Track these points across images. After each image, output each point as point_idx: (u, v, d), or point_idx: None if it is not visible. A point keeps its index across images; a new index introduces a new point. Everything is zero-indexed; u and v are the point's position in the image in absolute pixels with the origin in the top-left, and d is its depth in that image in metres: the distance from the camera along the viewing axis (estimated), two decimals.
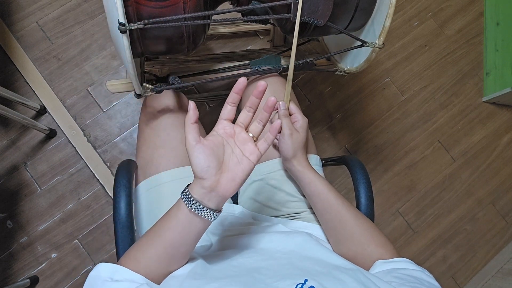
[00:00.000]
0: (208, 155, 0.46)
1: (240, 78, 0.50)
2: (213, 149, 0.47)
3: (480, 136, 1.51)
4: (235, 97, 0.50)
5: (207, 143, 0.47)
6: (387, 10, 0.64)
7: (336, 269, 0.47)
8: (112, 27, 0.58)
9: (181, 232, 0.48)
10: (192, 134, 0.46)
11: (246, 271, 0.48)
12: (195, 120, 0.47)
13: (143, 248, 0.50)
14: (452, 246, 1.42)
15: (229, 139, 0.49)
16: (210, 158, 0.46)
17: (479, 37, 1.57)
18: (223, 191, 0.47)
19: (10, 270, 1.22)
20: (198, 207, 0.46)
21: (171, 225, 0.48)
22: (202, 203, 0.47)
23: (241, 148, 0.49)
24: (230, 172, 0.47)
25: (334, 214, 0.61)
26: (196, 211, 0.47)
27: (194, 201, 0.47)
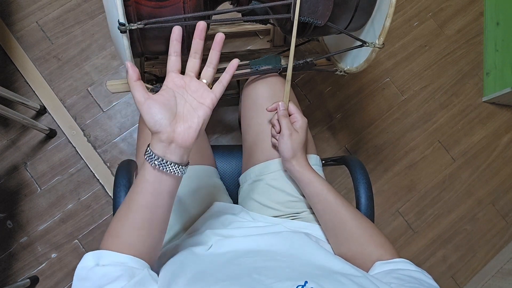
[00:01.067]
0: (159, 108, 0.46)
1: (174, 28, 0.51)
2: (164, 103, 0.47)
3: (480, 136, 1.51)
4: (176, 45, 0.51)
5: (156, 97, 0.47)
6: (387, 10, 0.64)
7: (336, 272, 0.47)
8: (112, 27, 0.58)
9: (153, 193, 0.48)
10: (139, 91, 0.47)
11: (246, 272, 0.48)
12: (137, 77, 0.47)
13: (121, 221, 0.49)
14: (452, 246, 1.42)
15: (180, 89, 0.49)
16: (161, 111, 0.46)
17: (479, 37, 1.57)
18: (182, 141, 0.47)
19: (10, 270, 1.22)
20: (161, 162, 0.46)
21: (141, 188, 0.48)
22: (164, 157, 0.46)
23: (194, 96, 0.49)
24: (186, 121, 0.47)
25: (333, 215, 0.61)
26: (160, 167, 0.46)
27: (156, 157, 0.46)
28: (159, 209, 0.49)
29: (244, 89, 0.81)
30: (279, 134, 0.66)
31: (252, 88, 0.78)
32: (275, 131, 0.68)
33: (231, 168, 0.89)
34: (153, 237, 0.50)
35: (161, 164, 0.46)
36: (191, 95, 0.49)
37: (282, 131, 0.65)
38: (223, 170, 0.88)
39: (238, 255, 0.55)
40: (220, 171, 0.87)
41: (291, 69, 0.67)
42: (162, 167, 0.46)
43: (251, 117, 0.76)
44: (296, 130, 0.66)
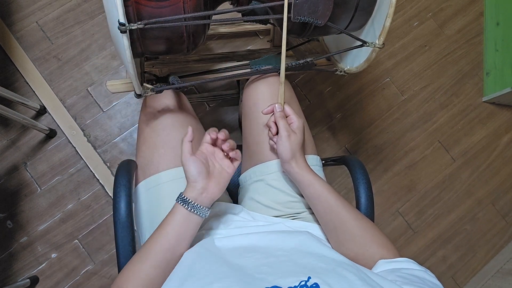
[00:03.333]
0: (199, 164, 0.58)
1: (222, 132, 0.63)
2: (201, 161, 0.59)
3: (480, 136, 1.51)
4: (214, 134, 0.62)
5: (197, 156, 0.59)
6: (387, 10, 0.64)
7: (339, 266, 0.47)
8: (112, 27, 0.58)
9: (179, 232, 0.56)
10: (187, 148, 0.58)
11: (248, 269, 0.48)
12: (191, 139, 0.59)
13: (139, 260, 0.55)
14: (452, 246, 1.42)
15: (211, 156, 0.62)
16: (200, 166, 0.58)
17: (479, 37, 1.57)
18: (212, 193, 0.59)
19: (10, 270, 1.22)
20: (194, 205, 0.57)
21: (168, 229, 0.56)
22: (196, 201, 0.57)
23: (220, 163, 0.62)
24: (216, 178, 0.60)
25: (334, 216, 0.61)
26: (192, 209, 0.57)
27: (190, 201, 0.57)
28: (178, 249, 0.57)
29: (244, 89, 0.81)
30: (277, 136, 0.66)
31: (252, 88, 0.78)
32: (272, 133, 0.68)
33: None
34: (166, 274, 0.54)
35: (194, 207, 0.57)
36: (218, 162, 0.62)
37: (280, 132, 0.65)
38: None
39: (239, 252, 0.55)
40: None
41: (283, 71, 0.67)
42: (193, 209, 0.57)
43: (252, 117, 0.76)
44: (293, 131, 0.65)
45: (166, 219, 0.57)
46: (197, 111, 1.37)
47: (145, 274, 0.53)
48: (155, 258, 0.54)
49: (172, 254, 0.55)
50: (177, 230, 0.56)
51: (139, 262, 0.55)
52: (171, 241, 0.55)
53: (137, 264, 0.55)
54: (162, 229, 0.56)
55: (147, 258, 0.55)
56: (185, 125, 0.75)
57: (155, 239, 0.56)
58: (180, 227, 0.56)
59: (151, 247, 0.55)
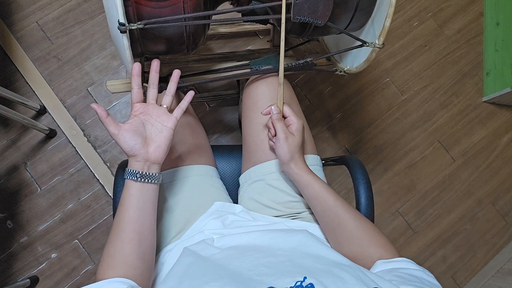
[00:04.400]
0: (131, 136, 0.56)
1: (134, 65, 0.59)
2: (134, 130, 0.57)
3: (480, 136, 1.51)
4: (137, 79, 0.59)
5: (127, 127, 0.56)
6: (387, 10, 0.65)
7: (336, 266, 0.47)
8: (112, 27, 0.58)
9: (139, 205, 0.56)
10: (111, 126, 0.56)
11: (246, 271, 0.48)
12: (106, 115, 0.55)
13: (112, 242, 0.54)
14: (452, 246, 1.42)
15: (146, 116, 0.59)
16: (133, 138, 0.56)
17: (479, 37, 1.57)
18: (155, 158, 0.57)
19: (10, 270, 1.22)
20: (143, 175, 0.56)
21: (126, 204, 0.55)
22: (143, 170, 0.56)
23: (158, 120, 0.59)
24: (155, 142, 0.58)
25: (333, 216, 0.61)
26: (143, 179, 0.56)
27: (138, 173, 0.56)
28: (146, 219, 0.56)
29: (244, 89, 0.81)
30: (275, 138, 0.66)
31: (252, 88, 0.78)
32: (271, 134, 0.68)
33: (231, 168, 0.89)
34: (144, 248, 0.55)
35: (142, 176, 0.56)
36: (156, 120, 0.59)
37: (278, 135, 0.64)
38: (223, 170, 0.88)
39: (238, 252, 0.55)
40: (220, 171, 0.87)
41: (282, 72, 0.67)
42: (143, 179, 0.56)
43: (252, 117, 0.76)
44: (292, 133, 0.65)
45: (122, 196, 0.56)
46: (197, 111, 1.37)
47: (122, 252, 0.53)
48: (126, 233, 0.54)
49: (140, 225, 0.55)
50: (135, 204, 0.55)
51: (111, 244, 0.54)
52: (134, 214, 0.55)
53: (110, 245, 0.54)
54: (122, 205, 0.56)
55: (118, 235, 0.54)
56: (185, 125, 0.75)
57: (119, 215, 0.55)
58: (137, 200, 0.55)
59: (119, 223, 0.55)
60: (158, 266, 0.64)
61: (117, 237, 0.54)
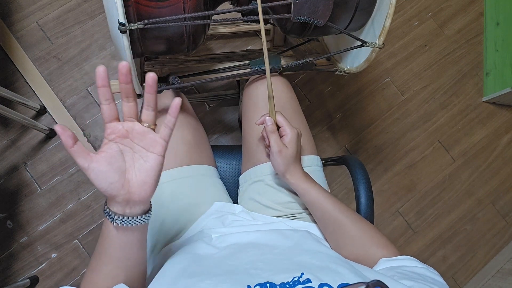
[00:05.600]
0: (105, 172, 0.42)
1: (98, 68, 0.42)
2: (109, 162, 0.42)
3: (480, 136, 1.51)
4: (104, 91, 0.43)
5: (100, 159, 0.42)
6: (387, 10, 0.65)
7: (334, 261, 0.47)
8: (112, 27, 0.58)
9: (122, 245, 0.46)
10: (79, 157, 0.41)
11: (243, 267, 0.48)
12: (73, 143, 0.40)
13: (96, 270, 0.48)
14: (452, 246, 1.42)
15: (124, 140, 0.44)
16: (109, 175, 0.42)
17: (479, 37, 1.57)
18: (139, 198, 0.44)
19: (10, 270, 1.22)
20: (123, 220, 0.44)
21: (110, 242, 0.46)
22: (125, 214, 0.44)
23: (141, 144, 0.44)
24: (138, 177, 0.43)
25: (331, 221, 0.61)
26: (123, 224, 0.44)
27: (117, 217, 0.44)
28: (131, 257, 0.48)
29: (245, 89, 0.81)
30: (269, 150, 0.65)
31: (252, 88, 0.78)
32: (266, 144, 0.68)
33: (231, 168, 0.89)
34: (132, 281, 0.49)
35: (123, 221, 0.44)
36: (138, 144, 0.44)
37: (271, 148, 0.63)
38: (223, 170, 0.88)
39: (237, 249, 0.55)
40: (220, 171, 0.87)
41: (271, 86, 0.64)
42: (125, 224, 0.44)
43: (252, 117, 0.76)
44: (285, 146, 0.64)
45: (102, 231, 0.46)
46: (197, 111, 1.37)
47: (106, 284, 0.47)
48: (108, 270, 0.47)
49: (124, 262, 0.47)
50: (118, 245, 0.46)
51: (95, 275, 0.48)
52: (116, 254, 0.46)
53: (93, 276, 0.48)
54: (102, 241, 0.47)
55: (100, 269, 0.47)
56: (185, 125, 0.75)
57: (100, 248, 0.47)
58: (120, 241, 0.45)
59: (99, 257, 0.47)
60: (156, 267, 0.64)
61: (100, 270, 0.47)
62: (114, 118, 0.44)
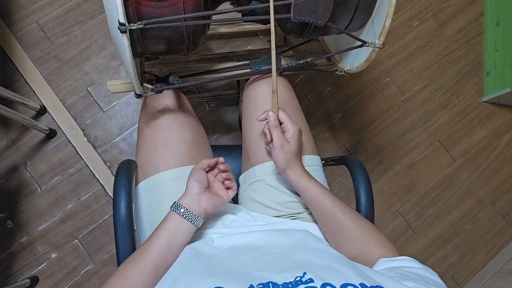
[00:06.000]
0: (203, 175, 0.61)
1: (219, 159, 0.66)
2: (206, 175, 0.62)
3: (480, 136, 1.51)
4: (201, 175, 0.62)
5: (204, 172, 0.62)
6: (387, 10, 0.64)
7: (335, 261, 0.47)
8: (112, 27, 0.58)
9: (170, 237, 0.56)
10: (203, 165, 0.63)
11: (244, 269, 0.48)
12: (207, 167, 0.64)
13: (130, 265, 0.55)
14: (452, 246, 1.42)
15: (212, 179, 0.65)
16: (203, 178, 0.61)
17: (479, 37, 1.57)
18: (204, 204, 0.59)
19: (10, 270, 1.22)
20: (186, 212, 0.57)
21: (160, 236, 0.56)
22: (189, 208, 0.58)
23: (216, 187, 0.65)
24: (211, 195, 0.61)
25: (331, 219, 0.61)
26: (184, 215, 0.57)
27: (183, 207, 0.57)
28: (169, 256, 0.56)
29: (244, 89, 0.81)
30: (271, 145, 0.65)
31: (252, 88, 0.78)
32: (267, 140, 0.68)
33: (231, 168, 0.88)
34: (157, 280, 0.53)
35: (186, 213, 0.57)
36: (215, 186, 0.65)
37: (274, 143, 0.64)
38: None
39: (238, 251, 0.55)
40: None
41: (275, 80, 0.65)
42: (185, 215, 0.57)
43: (252, 117, 0.76)
44: (287, 141, 0.64)
45: (159, 225, 0.57)
46: (197, 111, 1.37)
47: (135, 279, 0.53)
48: (146, 262, 0.54)
49: (161, 260, 0.55)
50: (168, 236, 0.56)
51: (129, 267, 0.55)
52: (162, 245, 0.55)
53: (128, 267, 0.54)
54: (155, 234, 0.57)
55: (139, 261, 0.54)
56: (185, 125, 0.75)
57: (148, 243, 0.56)
58: (172, 232, 0.56)
59: (144, 250, 0.55)
60: None
61: (136, 264, 0.54)
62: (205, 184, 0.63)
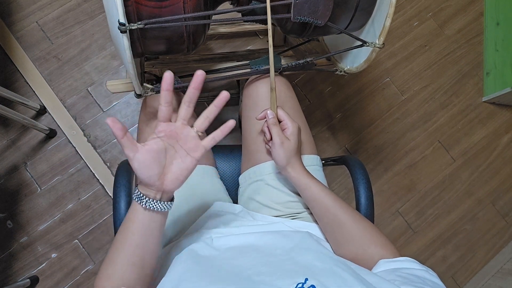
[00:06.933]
0: (148, 165, 0.48)
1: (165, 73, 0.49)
2: (153, 157, 0.49)
3: (480, 136, 1.51)
4: (167, 95, 0.50)
5: (146, 151, 0.48)
6: (387, 10, 0.65)
7: (337, 266, 0.47)
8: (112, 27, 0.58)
9: (144, 231, 0.51)
10: (127, 148, 0.47)
11: (245, 272, 0.48)
12: (123, 134, 0.46)
13: (113, 260, 0.51)
14: (452, 246, 1.42)
15: (171, 140, 0.50)
16: (151, 167, 0.48)
17: (479, 37, 1.57)
18: (169, 189, 0.51)
19: (10, 270, 1.22)
20: (152, 203, 0.50)
21: (132, 228, 0.51)
22: (155, 199, 0.50)
23: (184, 147, 0.51)
24: (173, 173, 0.50)
25: (331, 218, 0.61)
26: (151, 207, 0.50)
27: (146, 199, 0.50)
28: (149, 245, 0.52)
29: (244, 89, 0.81)
30: (271, 142, 0.65)
31: (252, 88, 0.78)
32: (267, 138, 0.68)
33: (231, 168, 0.89)
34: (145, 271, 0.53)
35: (152, 204, 0.50)
36: (181, 145, 0.51)
37: (273, 140, 0.64)
38: (223, 170, 0.88)
39: (238, 252, 0.55)
40: (220, 171, 0.87)
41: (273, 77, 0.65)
42: (152, 207, 0.50)
43: (252, 117, 0.76)
44: (287, 138, 0.64)
45: (127, 217, 0.52)
46: (197, 111, 1.37)
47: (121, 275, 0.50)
48: (126, 258, 0.51)
49: (142, 250, 0.51)
50: (141, 230, 0.51)
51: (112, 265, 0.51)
52: (138, 240, 0.51)
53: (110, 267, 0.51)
54: (126, 228, 0.52)
55: (118, 258, 0.51)
56: None
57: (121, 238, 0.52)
58: (143, 227, 0.51)
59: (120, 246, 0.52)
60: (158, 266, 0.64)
61: (119, 258, 0.51)
62: (168, 119, 0.51)
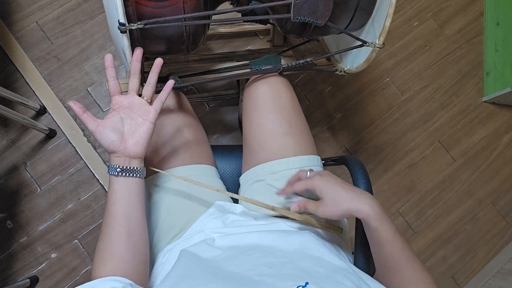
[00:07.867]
0: (108, 133, 0.56)
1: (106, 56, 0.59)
2: (112, 126, 0.56)
3: (480, 136, 1.51)
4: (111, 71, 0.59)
5: (104, 123, 0.56)
6: (387, 10, 0.65)
7: (338, 272, 0.47)
8: (112, 27, 0.58)
9: (124, 199, 0.56)
10: (89, 122, 0.56)
11: (247, 273, 0.48)
12: (83, 111, 0.56)
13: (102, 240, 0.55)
14: (452, 246, 1.42)
15: (125, 110, 0.59)
16: (111, 135, 0.56)
17: (479, 37, 1.57)
18: (134, 154, 0.57)
19: (10, 270, 1.22)
20: (124, 169, 0.56)
21: (112, 199, 0.55)
22: (124, 165, 0.56)
23: (138, 113, 0.58)
24: (133, 137, 0.57)
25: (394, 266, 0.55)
26: (124, 173, 0.56)
27: (118, 167, 0.56)
28: (133, 213, 0.56)
29: (245, 89, 0.81)
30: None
31: (253, 88, 0.78)
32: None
33: (231, 168, 0.89)
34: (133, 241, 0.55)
35: (123, 170, 0.56)
36: (135, 113, 0.58)
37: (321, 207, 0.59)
38: (223, 170, 0.88)
39: (239, 251, 0.55)
40: (220, 171, 0.87)
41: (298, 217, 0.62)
42: (124, 173, 0.56)
43: (253, 117, 0.76)
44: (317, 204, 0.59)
45: (108, 192, 0.57)
46: (197, 111, 1.37)
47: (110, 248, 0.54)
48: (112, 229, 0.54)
49: (127, 218, 0.55)
50: (120, 198, 0.55)
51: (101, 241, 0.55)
52: (120, 209, 0.55)
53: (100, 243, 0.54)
54: (108, 201, 0.56)
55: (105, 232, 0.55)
56: (185, 125, 0.75)
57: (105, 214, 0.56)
58: (122, 194, 0.55)
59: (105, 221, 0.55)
60: (158, 266, 0.64)
61: (106, 232, 0.55)
62: (118, 92, 0.59)
